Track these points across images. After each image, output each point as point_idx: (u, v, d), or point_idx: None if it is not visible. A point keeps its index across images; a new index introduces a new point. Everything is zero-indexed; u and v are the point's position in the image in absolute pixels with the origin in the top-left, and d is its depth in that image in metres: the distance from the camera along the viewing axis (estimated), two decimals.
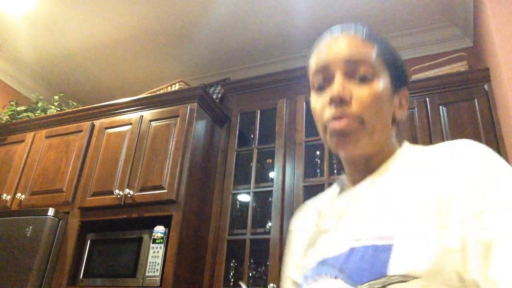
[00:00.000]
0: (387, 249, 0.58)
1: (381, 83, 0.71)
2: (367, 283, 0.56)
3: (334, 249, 0.67)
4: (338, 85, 0.69)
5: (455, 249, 0.53)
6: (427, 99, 2.29)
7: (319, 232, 0.75)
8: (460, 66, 2.36)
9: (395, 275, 0.54)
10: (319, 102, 0.73)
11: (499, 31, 2.00)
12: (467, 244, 0.52)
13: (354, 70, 0.70)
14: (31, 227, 2.47)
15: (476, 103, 2.18)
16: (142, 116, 2.72)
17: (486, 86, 2.21)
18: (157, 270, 2.20)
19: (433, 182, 0.60)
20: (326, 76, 0.72)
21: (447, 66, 2.39)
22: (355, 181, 0.74)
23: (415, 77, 2.39)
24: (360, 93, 0.69)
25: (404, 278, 0.54)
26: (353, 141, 0.69)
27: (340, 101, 0.68)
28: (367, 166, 0.73)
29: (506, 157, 1.94)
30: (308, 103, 0.80)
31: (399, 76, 0.76)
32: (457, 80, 2.27)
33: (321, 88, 0.73)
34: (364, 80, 0.70)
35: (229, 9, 2.82)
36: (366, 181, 0.71)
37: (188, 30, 3.04)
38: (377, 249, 0.59)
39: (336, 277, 0.62)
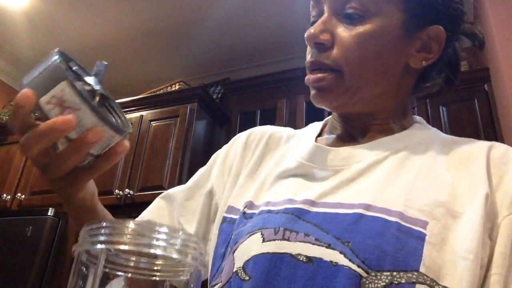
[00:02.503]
0: (417, 237, 0.46)
1: (375, 24, 0.54)
2: (388, 272, 0.43)
3: (323, 205, 0.52)
4: (319, 22, 0.56)
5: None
6: (427, 99, 2.28)
7: (302, 172, 0.58)
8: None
9: (426, 275, 0.43)
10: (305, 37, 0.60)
11: (499, 31, 2.00)
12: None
13: (342, 6, 0.55)
14: (31, 227, 2.47)
15: (476, 103, 2.18)
16: (142, 116, 2.73)
17: (486, 86, 2.21)
18: None
19: (482, 181, 0.50)
20: (319, 10, 0.58)
21: None
22: (349, 134, 0.62)
23: None
24: (345, 36, 0.55)
25: (433, 284, 0.43)
26: (329, 98, 0.58)
27: (315, 46, 0.56)
28: (366, 124, 0.60)
29: None
30: (308, 104, 0.72)
31: (427, 11, 0.57)
32: None
33: (315, 22, 0.59)
34: (351, 19, 0.55)
35: (229, 9, 2.82)
36: (377, 142, 0.58)
37: (188, 30, 3.04)
38: (404, 231, 0.46)
39: (329, 246, 0.46)
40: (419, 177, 0.52)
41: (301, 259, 0.46)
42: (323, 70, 0.56)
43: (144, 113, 2.74)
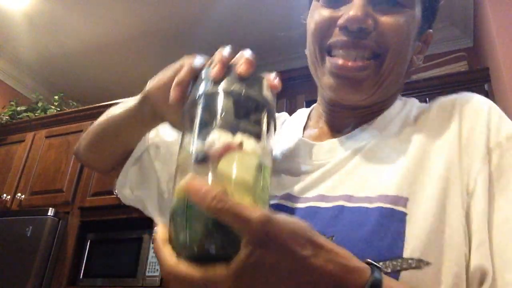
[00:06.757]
0: (399, 219, 0.45)
1: (411, 15, 0.54)
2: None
3: (305, 200, 0.52)
4: (358, 6, 0.51)
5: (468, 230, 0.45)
6: (427, 99, 2.27)
7: (287, 167, 0.57)
8: (460, 66, 2.36)
9: (411, 258, 0.43)
10: (323, 17, 0.54)
11: (499, 31, 2.00)
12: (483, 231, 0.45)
13: None
14: (31, 227, 2.46)
15: None
16: None
17: (486, 86, 2.20)
18: (157, 270, 2.20)
19: (450, 144, 0.51)
20: None
21: (447, 66, 2.39)
22: (334, 124, 0.61)
23: (415, 77, 2.39)
24: (387, 21, 0.52)
25: (419, 264, 0.43)
26: (359, 89, 0.54)
27: (358, 30, 0.51)
28: (360, 115, 0.59)
29: None
30: (308, 103, 0.70)
31: (431, 13, 0.59)
32: (457, 80, 2.27)
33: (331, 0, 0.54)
34: (395, 5, 0.53)
35: (229, 9, 2.82)
36: (359, 130, 0.57)
37: (188, 30, 3.04)
38: (385, 214, 0.46)
39: None
40: (399, 158, 0.51)
41: None
42: (364, 58, 0.53)
43: None
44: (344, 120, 0.60)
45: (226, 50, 0.46)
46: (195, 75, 0.46)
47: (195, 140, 0.41)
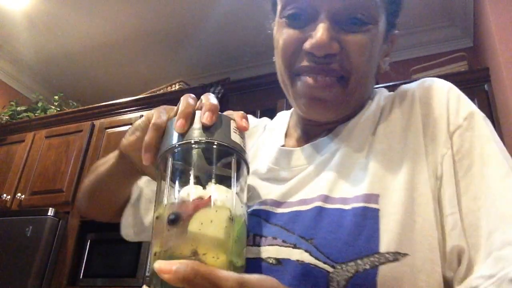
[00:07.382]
0: (372, 216, 0.47)
1: (375, 31, 0.55)
2: (353, 262, 0.44)
3: (287, 205, 0.53)
4: (323, 30, 0.51)
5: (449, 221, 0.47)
6: None
7: (270, 176, 0.59)
8: (460, 66, 2.36)
9: (388, 252, 0.44)
10: (290, 38, 0.55)
11: (499, 31, 2.00)
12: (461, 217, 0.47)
13: (348, 14, 0.53)
14: (31, 227, 2.47)
15: (476, 103, 2.16)
16: (142, 116, 2.72)
17: (486, 86, 2.20)
18: None
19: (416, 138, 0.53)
20: (304, 8, 0.54)
21: (447, 66, 2.39)
22: (309, 132, 0.63)
23: (415, 77, 2.39)
24: (351, 42, 0.53)
25: (396, 257, 0.44)
26: (330, 107, 0.56)
27: (325, 56, 0.52)
28: (329, 124, 0.60)
29: None
30: None
31: (395, 17, 0.60)
32: (457, 80, 2.25)
33: (295, 18, 0.55)
34: (357, 25, 0.53)
35: (229, 9, 2.82)
36: (335, 132, 0.59)
37: (188, 30, 3.04)
38: (360, 214, 0.47)
39: (295, 246, 0.47)
40: (369, 158, 0.53)
41: (270, 261, 0.48)
42: (330, 76, 0.54)
43: (144, 113, 2.73)
44: (317, 128, 0.62)
45: (187, 100, 0.46)
46: (161, 132, 0.47)
47: (165, 200, 0.41)
